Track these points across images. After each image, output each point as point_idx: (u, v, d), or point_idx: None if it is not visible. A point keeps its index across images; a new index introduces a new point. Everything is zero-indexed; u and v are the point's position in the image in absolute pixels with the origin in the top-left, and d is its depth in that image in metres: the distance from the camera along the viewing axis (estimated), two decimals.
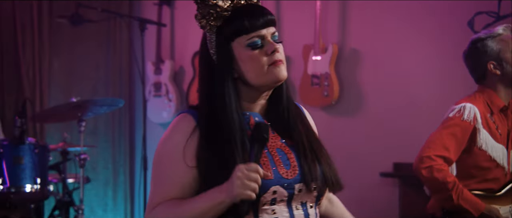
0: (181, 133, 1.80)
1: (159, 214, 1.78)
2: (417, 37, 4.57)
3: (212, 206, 1.72)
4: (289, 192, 1.80)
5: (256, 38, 1.79)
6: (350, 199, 4.85)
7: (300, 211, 1.83)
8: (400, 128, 4.56)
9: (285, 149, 1.84)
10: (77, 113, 4.41)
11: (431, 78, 4.50)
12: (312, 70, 4.84)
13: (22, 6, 5.52)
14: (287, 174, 1.80)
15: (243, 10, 1.81)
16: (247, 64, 1.80)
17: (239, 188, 1.66)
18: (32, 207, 4.38)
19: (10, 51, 5.51)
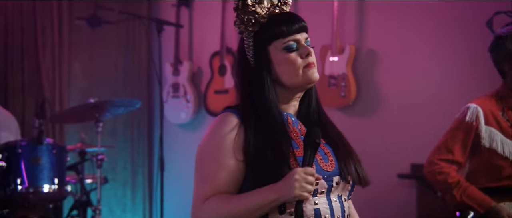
0: (227, 128, 1.90)
1: (211, 207, 1.86)
2: (435, 37, 4.54)
3: (265, 203, 1.81)
4: (328, 184, 1.91)
5: (292, 42, 1.93)
6: (367, 200, 4.85)
7: (337, 203, 1.94)
8: (418, 128, 4.53)
9: (321, 145, 1.94)
10: (94, 114, 4.44)
11: (449, 78, 4.47)
12: (329, 71, 4.82)
13: (43, 8, 5.55)
14: (326, 166, 1.92)
15: (280, 17, 1.95)
16: (283, 67, 1.94)
17: (297, 190, 1.77)
18: (50, 207, 4.40)
19: (30, 53, 5.54)
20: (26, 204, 4.17)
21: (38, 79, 5.54)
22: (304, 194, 1.78)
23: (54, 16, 5.59)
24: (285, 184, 1.79)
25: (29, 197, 4.12)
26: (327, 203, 1.92)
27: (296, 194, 1.77)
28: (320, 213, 1.90)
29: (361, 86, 4.81)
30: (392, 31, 4.73)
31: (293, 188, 1.77)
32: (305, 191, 1.78)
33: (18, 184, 4.06)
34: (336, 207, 1.93)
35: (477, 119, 3.04)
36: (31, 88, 5.51)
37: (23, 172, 4.07)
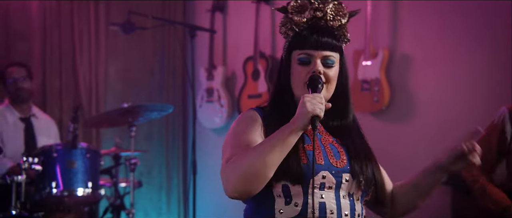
0: (253, 117, 2.04)
1: (234, 159, 1.92)
2: (470, 41, 4.46)
3: (284, 136, 1.88)
4: (337, 179, 1.97)
5: (304, 56, 2.01)
6: None
7: (347, 201, 1.99)
8: (452, 134, 4.43)
9: (336, 145, 2.04)
10: (128, 118, 4.48)
11: (485, 83, 4.38)
12: (362, 76, 4.78)
13: (80, 13, 5.65)
14: (336, 163, 1.99)
15: (308, 29, 2.02)
16: (293, 76, 2.04)
17: (310, 106, 1.86)
18: (85, 210, 4.46)
19: (68, 58, 5.62)
20: (61, 207, 4.25)
21: (75, 84, 5.63)
22: (317, 109, 1.86)
23: (91, 21, 5.68)
24: (298, 112, 1.89)
25: (64, 200, 4.20)
26: (335, 198, 1.97)
27: (309, 109, 1.86)
28: (325, 207, 1.95)
29: (395, 91, 4.76)
30: (426, 35, 4.67)
31: (305, 107, 1.86)
32: (316, 107, 1.86)
33: (53, 188, 4.13)
34: (345, 203, 1.98)
35: (503, 120, 3.08)
36: (68, 93, 5.60)
37: (58, 175, 4.14)
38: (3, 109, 4.72)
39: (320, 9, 2.01)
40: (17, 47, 5.42)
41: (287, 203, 1.94)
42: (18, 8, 5.42)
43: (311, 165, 1.90)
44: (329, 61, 2.01)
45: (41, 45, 5.51)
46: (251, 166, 1.87)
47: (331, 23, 2.02)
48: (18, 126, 4.70)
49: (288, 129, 1.88)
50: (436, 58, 4.63)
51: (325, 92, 2.01)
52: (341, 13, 2.04)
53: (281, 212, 1.95)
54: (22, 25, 5.45)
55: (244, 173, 1.88)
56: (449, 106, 4.52)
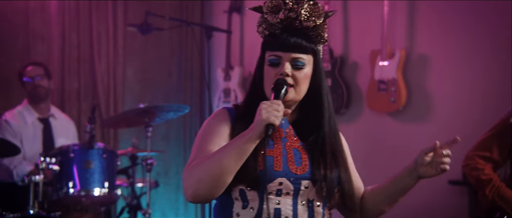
0: (218, 118, 2.06)
1: (194, 164, 1.93)
2: (489, 41, 4.42)
3: (241, 143, 1.88)
4: (295, 186, 1.97)
5: (274, 57, 2.01)
6: (418, 206, 4.76)
7: (305, 208, 1.99)
8: (470, 135, 4.36)
9: (301, 150, 2.03)
10: (144, 119, 4.46)
11: (502, 84, 4.32)
12: (379, 76, 4.76)
13: (98, 15, 5.68)
14: (296, 169, 1.99)
15: (280, 30, 2.01)
16: (264, 77, 2.04)
17: (264, 114, 1.86)
18: (102, 210, 4.47)
19: (86, 59, 5.66)
20: (78, 207, 4.25)
21: (93, 84, 5.66)
22: (271, 118, 1.85)
23: (109, 22, 5.70)
24: (255, 121, 1.88)
25: (81, 200, 4.20)
26: (292, 205, 1.97)
27: (263, 117, 1.85)
28: (280, 213, 1.96)
29: (412, 91, 4.73)
30: (444, 35, 4.64)
31: (260, 115, 1.86)
32: (272, 115, 1.85)
33: (70, 188, 4.13)
34: (302, 210, 1.98)
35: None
36: (86, 93, 5.63)
37: (75, 175, 4.14)
38: (21, 110, 4.74)
39: (294, 9, 1.99)
40: (36, 48, 5.46)
41: (244, 207, 1.97)
42: (38, 8, 5.46)
43: (267, 171, 1.93)
44: (299, 63, 2.00)
45: (60, 46, 5.54)
46: (208, 172, 1.88)
47: (305, 24, 1.99)
48: (36, 126, 4.71)
49: (245, 136, 1.88)
50: (453, 59, 4.60)
51: (295, 95, 2.00)
52: (316, 13, 2.00)
53: (238, 215, 1.98)
54: (41, 26, 5.49)
55: (202, 178, 1.89)
56: (466, 107, 4.49)
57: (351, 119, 5.08)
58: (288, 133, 2.05)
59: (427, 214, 4.63)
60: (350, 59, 5.10)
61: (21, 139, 4.59)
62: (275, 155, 1.98)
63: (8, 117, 4.69)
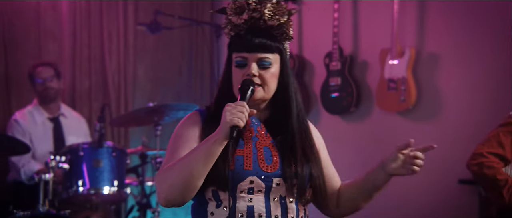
0: (192, 122, 2.09)
1: (165, 170, 1.99)
2: (499, 40, 4.38)
3: (208, 146, 1.92)
4: (266, 184, 2.01)
5: (240, 59, 2.03)
6: (428, 205, 4.73)
7: (277, 204, 2.03)
8: (480, 134, 4.35)
9: (272, 148, 2.07)
10: (154, 117, 4.48)
11: (509, 80, 4.29)
12: (389, 75, 4.75)
13: (109, 14, 5.69)
14: (267, 167, 2.02)
15: (245, 31, 2.03)
16: (233, 78, 2.06)
17: (229, 116, 1.89)
18: (112, 208, 4.49)
19: (97, 58, 5.67)
20: (88, 205, 4.30)
21: (104, 84, 5.67)
22: (234, 120, 1.88)
23: (119, 21, 5.71)
24: (220, 124, 1.91)
25: (91, 199, 4.24)
26: (264, 201, 2.01)
27: (228, 119, 1.88)
28: (253, 210, 2.00)
29: (422, 90, 4.72)
30: (454, 34, 4.62)
31: (225, 118, 1.89)
32: (235, 117, 1.88)
33: (79, 186, 4.16)
34: (275, 206, 2.02)
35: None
36: (97, 93, 5.65)
37: (84, 174, 4.17)
38: (31, 109, 4.79)
39: (257, 9, 2.01)
40: (48, 47, 5.47)
41: (218, 206, 2.00)
42: (49, 8, 5.48)
43: (238, 171, 1.98)
44: (265, 62, 2.02)
45: (71, 45, 5.55)
46: (179, 177, 1.92)
47: (269, 23, 2.01)
48: (46, 126, 4.76)
49: (212, 139, 1.92)
50: (464, 57, 4.57)
51: (263, 94, 2.03)
52: (280, 12, 2.03)
53: (212, 214, 2.01)
54: (53, 25, 5.50)
55: (173, 183, 1.93)
56: (476, 106, 4.46)
57: (361, 117, 5.08)
58: (260, 132, 2.08)
59: (436, 213, 4.61)
60: (360, 58, 5.09)
61: (30, 138, 4.63)
62: (245, 154, 2.02)
63: (18, 117, 4.74)
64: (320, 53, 5.18)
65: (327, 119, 5.24)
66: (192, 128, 2.06)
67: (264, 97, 2.04)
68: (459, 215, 4.47)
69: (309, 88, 5.38)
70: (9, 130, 4.74)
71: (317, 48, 5.26)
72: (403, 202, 4.76)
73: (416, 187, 4.70)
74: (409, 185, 4.76)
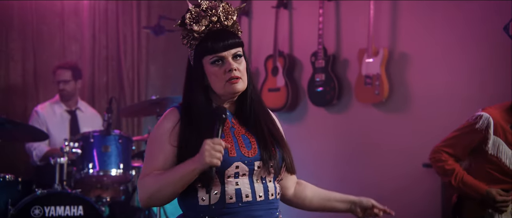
0: (169, 122, 2.03)
1: (147, 180, 1.97)
2: (462, 41, 4.39)
3: (187, 173, 1.90)
4: (249, 167, 1.99)
5: (216, 58, 1.99)
6: (396, 188, 4.78)
7: (260, 184, 2.02)
8: (443, 124, 4.38)
9: (248, 135, 2.05)
10: (156, 109, 4.51)
11: (472, 78, 4.32)
12: (365, 71, 4.77)
13: (125, 20, 5.75)
14: (248, 153, 2.01)
15: (211, 35, 1.99)
16: (211, 78, 2.01)
17: (207, 157, 1.85)
18: (121, 188, 4.54)
19: (113, 57, 5.73)
20: (99, 185, 4.35)
21: (119, 80, 5.73)
22: (214, 161, 1.85)
23: (134, 26, 5.75)
24: (199, 155, 1.87)
25: (102, 179, 4.30)
26: (249, 183, 2.00)
27: (207, 161, 1.85)
28: (241, 192, 1.98)
29: (393, 85, 4.73)
30: (423, 35, 4.62)
31: (204, 157, 1.85)
32: (214, 158, 1.85)
33: (90, 168, 4.22)
34: (258, 187, 2.01)
35: (487, 128, 3.03)
36: (114, 87, 5.70)
37: (95, 158, 4.21)
38: (53, 103, 4.86)
39: (214, 14, 1.99)
40: (71, 48, 5.54)
41: (208, 192, 1.96)
42: (72, 13, 5.52)
43: (224, 159, 1.92)
44: (238, 56, 2.01)
45: (91, 46, 5.60)
46: (159, 192, 1.94)
47: (225, 23, 2.00)
48: (64, 117, 4.82)
49: (190, 167, 1.89)
50: (431, 57, 4.57)
51: (243, 85, 2.01)
52: (231, 11, 2.03)
53: (203, 200, 1.98)
54: (75, 29, 5.56)
55: (153, 195, 1.95)
56: (441, 98, 4.46)
57: (342, 109, 5.09)
58: (234, 122, 2.07)
59: (403, 195, 4.62)
60: (341, 57, 5.10)
61: (47, 128, 4.68)
62: (228, 143, 1.98)
63: (39, 108, 4.81)
64: (307, 52, 5.20)
65: (313, 110, 5.28)
66: (167, 130, 2.00)
67: (243, 88, 2.01)
68: (424, 195, 4.49)
69: (298, 84, 5.39)
70: (30, 120, 4.81)
71: (305, 48, 5.27)
72: (373, 185, 4.79)
73: (385, 172, 4.75)
74: (379, 170, 4.81)
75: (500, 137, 3.00)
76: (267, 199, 2.03)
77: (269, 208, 2.04)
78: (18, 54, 5.28)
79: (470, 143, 3.08)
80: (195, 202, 1.99)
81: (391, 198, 4.69)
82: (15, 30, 5.27)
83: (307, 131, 5.38)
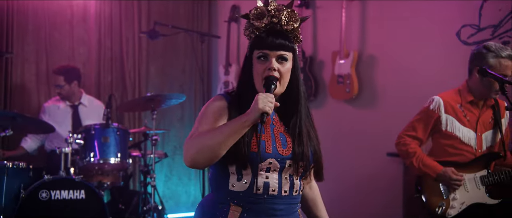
0: (219, 102, 2.01)
1: (196, 136, 1.91)
2: (421, 44, 4.47)
3: (239, 124, 1.86)
4: (281, 165, 1.96)
5: (262, 54, 1.96)
6: (363, 175, 4.87)
7: (287, 181, 1.99)
8: (405, 118, 4.46)
9: (286, 134, 2.00)
10: (150, 105, 4.54)
11: (432, 76, 4.38)
12: (338, 71, 4.85)
13: (127, 25, 5.79)
14: (283, 151, 1.97)
15: (266, 32, 1.97)
16: (254, 71, 1.99)
17: (261, 104, 1.83)
18: (121, 174, 4.58)
19: (117, 58, 5.75)
20: (100, 172, 4.38)
21: (122, 79, 5.76)
22: (266, 107, 1.83)
23: (135, 30, 5.79)
24: (252, 107, 1.85)
25: (103, 167, 4.34)
26: (278, 179, 1.96)
27: (260, 106, 1.83)
28: (268, 186, 1.95)
29: (362, 83, 4.81)
30: (387, 40, 4.69)
31: (257, 104, 1.83)
32: (266, 105, 1.83)
33: (91, 157, 4.27)
34: (285, 183, 1.98)
35: (439, 108, 3.12)
36: (117, 85, 5.74)
37: (96, 148, 4.26)
38: (58, 99, 4.87)
39: (276, 16, 1.95)
40: (79, 50, 5.57)
41: (239, 180, 1.94)
42: (80, 19, 5.54)
43: (260, 153, 1.91)
44: (283, 58, 1.96)
45: (97, 49, 5.63)
46: (206, 144, 1.85)
47: (285, 27, 1.96)
48: (67, 111, 4.82)
49: (242, 119, 1.86)
50: (394, 58, 4.65)
51: (280, 88, 1.97)
52: (294, 19, 1.98)
53: (233, 186, 1.95)
54: (83, 34, 5.59)
55: (201, 148, 1.86)
56: (404, 96, 4.54)
57: (318, 105, 5.16)
58: (275, 119, 2.02)
59: (369, 181, 4.71)
60: (318, 58, 5.18)
61: (53, 121, 4.70)
62: (266, 139, 1.95)
63: (46, 104, 4.86)
64: None
65: None
66: (219, 106, 1.98)
67: (280, 91, 1.97)
68: (388, 180, 4.58)
69: None
70: (39, 114, 4.87)
71: None
72: (345, 171, 4.87)
73: (355, 159, 4.83)
74: (349, 158, 4.89)
75: (451, 115, 3.10)
76: (291, 195, 2.00)
77: (291, 203, 2.01)
78: (32, 56, 5.33)
79: (427, 124, 3.16)
80: (226, 186, 1.95)
81: (360, 182, 4.82)
82: (30, 35, 5.33)
83: None
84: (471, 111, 3.12)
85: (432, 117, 3.14)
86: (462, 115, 3.11)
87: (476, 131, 3.10)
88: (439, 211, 3.05)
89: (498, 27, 3.91)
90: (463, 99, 3.13)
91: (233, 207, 1.95)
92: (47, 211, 3.90)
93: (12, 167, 4.07)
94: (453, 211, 3.04)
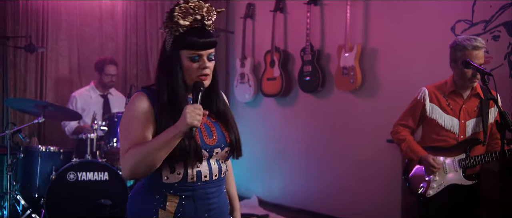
0: (142, 103, 1.89)
1: (130, 154, 1.82)
2: (419, 39, 4.45)
3: (169, 138, 1.76)
4: (210, 153, 1.94)
5: (194, 55, 1.87)
6: (364, 159, 4.89)
7: (216, 165, 1.98)
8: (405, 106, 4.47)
9: (210, 124, 1.98)
10: None
11: (428, 68, 4.37)
12: (343, 64, 4.85)
13: (151, 21, 5.83)
14: (210, 141, 1.94)
15: (194, 31, 1.87)
16: (186, 71, 1.89)
17: (189, 119, 1.74)
18: None
19: (141, 52, 5.81)
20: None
21: (147, 71, 5.82)
22: (194, 122, 1.75)
23: (159, 26, 5.81)
24: (180, 119, 1.77)
25: None
26: (208, 166, 1.94)
27: (188, 121, 1.74)
28: (201, 174, 1.93)
29: (365, 75, 4.81)
30: (389, 34, 4.67)
31: (185, 118, 1.74)
32: (194, 119, 1.75)
33: (114, 142, 4.36)
34: (214, 168, 1.96)
35: (424, 98, 3.17)
36: (142, 78, 5.80)
37: (118, 134, 4.31)
38: (89, 89, 4.94)
39: (199, 13, 1.88)
40: (107, 45, 5.64)
41: (172, 172, 1.89)
42: (108, 17, 5.60)
43: (192, 160, 1.87)
44: (212, 56, 1.92)
45: (123, 44, 5.69)
46: (142, 161, 1.78)
47: (207, 23, 1.90)
48: (99, 100, 4.90)
49: (172, 133, 1.77)
50: (396, 52, 4.63)
51: (209, 81, 1.93)
52: (212, 13, 1.91)
53: (167, 178, 1.90)
54: (111, 30, 5.66)
55: (137, 166, 1.79)
56: (404, 87, 4.52)
57: (325, 95, 5.17)
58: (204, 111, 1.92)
59: (370, 165, 4.73)
60: (325, 52, 5.17)
61: (84, 109, 4.77)
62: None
63: (75, 94, 4.91)
64: (298, 48, 5.29)
65: (303, 96, 5.39)
66: (142, 111, 1.85)
67: (208, 84, 1.92)
68: (388, 165, 4.59)
69: (291, 74, 5.48)
70: (68, 103, 4.93)
71: (296, 44, 5.36)
72: (347, 155, 4.89)
73: (357, 145, 4.84)
74: (352, 144, 4.90)
75: (435, 103, 3.14)
76: (220, 177, 1.99)
77: (220, 184, 2.01)
78: (65, 51, 5.41)
79: (415, 113, 3.22)
80: (159, 178, 1.89)
81: (362, 166, 4.85)
82: (63, 31, 5.41)
83: (298, 113, 5.49)
84: (454, 100, 3.15)
85: (419, 106, 3.20)
86: (445, 103, 3.16)
87: (459, 118, 3.11)
88: (420, 190, 3.11)
89: (489, 22, 3.88)
90: (447, 90, 3.17)
91: (169, 197, 1.90)
92: (74, 191, 4.01)
93: (45, 151, 4.20)
94: (432, 191, 3.09)
